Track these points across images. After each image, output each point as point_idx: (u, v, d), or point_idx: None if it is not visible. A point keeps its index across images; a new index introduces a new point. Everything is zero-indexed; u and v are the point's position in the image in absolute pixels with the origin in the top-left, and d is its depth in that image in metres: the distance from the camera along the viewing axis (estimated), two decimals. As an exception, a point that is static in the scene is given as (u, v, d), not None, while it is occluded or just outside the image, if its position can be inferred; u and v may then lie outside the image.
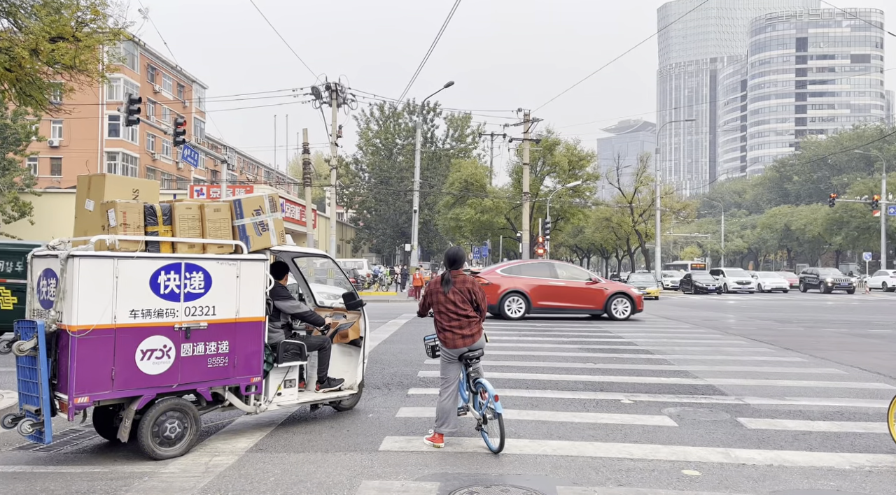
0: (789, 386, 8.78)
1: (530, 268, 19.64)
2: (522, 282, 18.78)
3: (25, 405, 5.21)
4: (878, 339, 14.48)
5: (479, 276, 19.01)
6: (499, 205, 46.82)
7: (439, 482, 4.85)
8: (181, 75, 58.71)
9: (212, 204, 5.78)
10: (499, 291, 18.41)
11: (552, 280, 19.03)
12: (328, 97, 30.93)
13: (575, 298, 18.93)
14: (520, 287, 18.61)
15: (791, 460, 5.48)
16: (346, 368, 7.15)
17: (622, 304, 19.00)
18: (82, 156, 46.57)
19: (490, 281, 18.51)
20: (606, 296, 18.96)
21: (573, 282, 19.12)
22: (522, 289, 18.57)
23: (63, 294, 4.96)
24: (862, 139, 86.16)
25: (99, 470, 5.11)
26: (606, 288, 19.23)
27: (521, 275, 19.01)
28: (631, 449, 5.72)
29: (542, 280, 18.92)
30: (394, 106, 65.10)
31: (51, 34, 9.72)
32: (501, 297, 18.39)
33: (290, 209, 41.32)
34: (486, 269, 19.81)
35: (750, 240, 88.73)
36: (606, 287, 19.28)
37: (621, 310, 18.96)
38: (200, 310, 5.51)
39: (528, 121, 41.01)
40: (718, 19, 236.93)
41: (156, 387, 5.30)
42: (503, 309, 18.43)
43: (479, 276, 19.01)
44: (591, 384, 8.74)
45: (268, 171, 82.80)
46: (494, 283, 18.48)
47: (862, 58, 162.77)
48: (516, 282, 18.71)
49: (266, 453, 5.62)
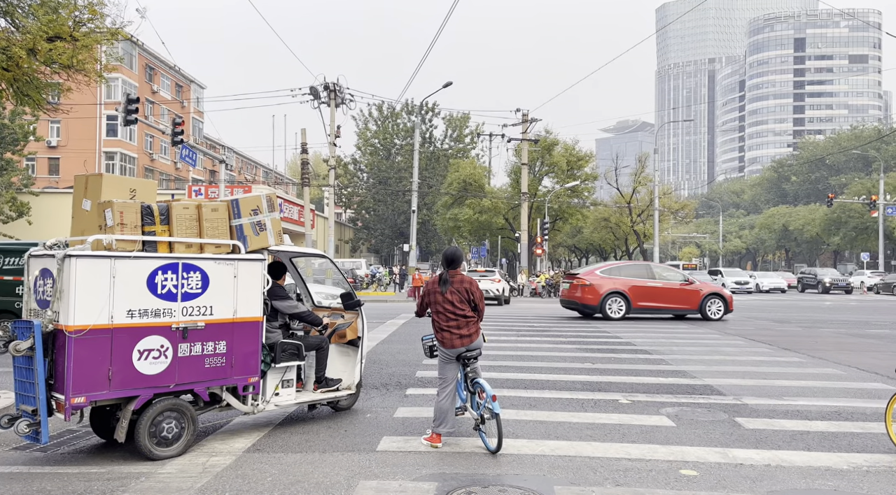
0: (787, 386, 8.79)
1: (629, 269, 19.91)
2: (622, 283, 18.99)
3: (22, 405, 5.19)
4: (875, 339, 14.50)
5: (580, 277, 19.21)
6: (497, 205, 46.83)
7: (437, 482, 4.85)
8: (179, 75, 58.66)
9: (209, 203, 5.77)
10: (600, 292, 18.72)
11: (650, 281, 19.26)
12: (326, 97, 30.93)
13: (672, 299, 19.15)
14: (620, 288, 18.85)
15: (789, 460, 5.48)
16: (343, 368, 7.14)
17: (715, 305, 19.14)
18: (80, 156, 46.52)
19: (591, 282, 18.90)
20: (702, 296, 19.16)
21: (669, 283, 19.37)
22: (622, 290, 18.83)
23: (60, 294, 4.95)
24: (860, 139, 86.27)
25: (96, 471, 5.10)
26: (701, 288, 19.46)
27: (620, 277, 19.24)
28: (629, 449, 5.72)
29: (640, 281, 19.14)
30: (392, 106, 65.11)
31: (48, 34, 9.71)
32: (603, 298, 18.67)
33: (288, 209, 41.28)
34: (585, 270, 19.99)
35: (748, 241, 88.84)
36: (701, 288, 19.52)
37: (715, 310, 19.10)
38: (198, 310, 5.50)
39: (527, 121, 41.04)
40: (717, 20, 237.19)
41: (153, 387, 5.29)
42: (605, 309, 18.69)
43: (580, 277, 19.21)
44: (589, 384, 8.74)
45: (266, 171, 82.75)
46: (595, 284, 18.84)
47: (860, 58, 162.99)
48: (616, 284, 18.93)
49: (263, 453, 5.61)
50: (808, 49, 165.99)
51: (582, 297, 18.94)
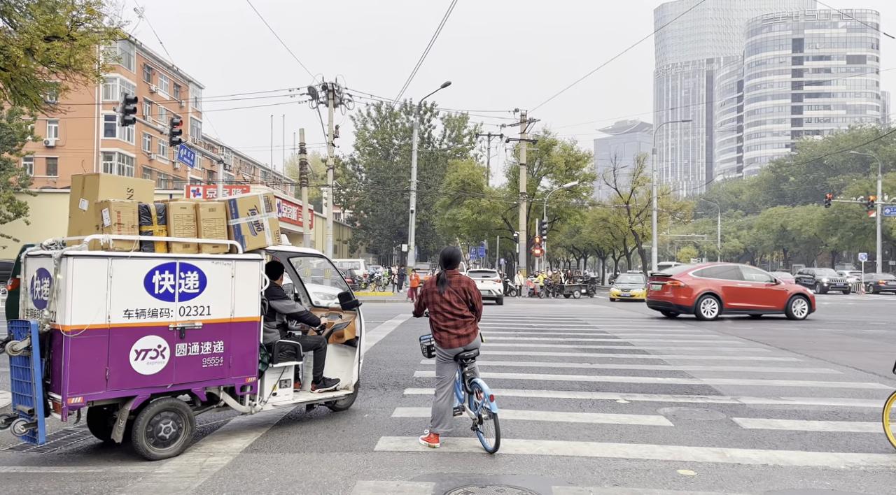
0: (785, 386, 8.80)
1: (719, 271, 20.26)
2: (714, 284, 19.40)
3: (19, 405, 5.18)
4: (873, 339, 14.51)
5: (674, 278, 19.57)
6: (496, 205, 46.83)
7: (435, 482, 4.85)
8: (178, 75, 58.60)
9: (207, 203, 5.76)
10: (694, 293, 19.12)
11: (739, 282, 19.67)
12: (325, 97, 30.92)
13: (760, 299, 19.56)
14: (713, 289, 19.26)
15: (786, 460, 5.48)
16: (341, 368, 7.14)
17: (800, 304, 19.62)
18: (78, 156, 46.46)
19: (686, 283, 19.31)
20: (787, 296, 19.60)
21: (757, 284, 19.77)
22: (715, 291, 19.24)
23: (57, 294, 4.94)
24: (858, 140, 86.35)
25: (93, 471, 5.09)
26: (787, 289, 19.91)
27: (712, 278, 19.64)
28: (627, 449, 5.72)
29: (731, 282, 19.55)
30: (391, 106, 65.17)
31: (46, 33, 9.69)
32: (698, 299, 19.06)
33: (286, 209, 41.24)
34: (679, 272, 20.32)
35: (746, 241, 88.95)
36: (787, 288, 19.95)
37: (799, 309, 19.56)
38: (195, 310, 5.49)
39: (525, 121, 41.06)
40: (715, 20, 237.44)
41: (150, 388, 5.28)
42: (699, 309, 19.07)
43: (674, 278, 19.57)
44: (587, 384, 8.74)
45: (264, 172, 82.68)
46: (690, 286, 19.25)
47: (858, 59, 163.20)
48: (710, 285, 19.33)
49: (261, 453, 5.60)
50: (806, 49, 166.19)
51: (675, 298, 19.41)
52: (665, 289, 19.71)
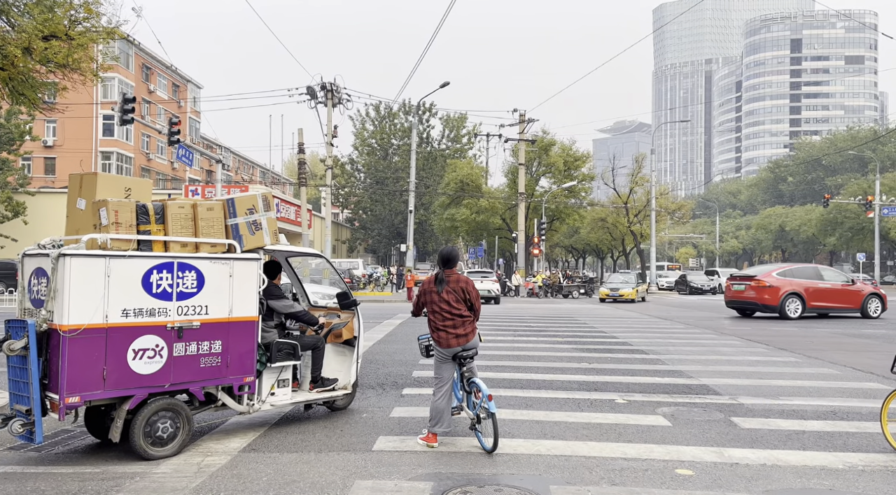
0: (783, 385, 8.80)
1: (801, 271, 20.58)
2: (798, 284, 19.76)
3: (16, 405, 5.17)
4: (871, 339, 14.52)
5: (758, 279, 19.91)
6: (494, 205, 46.84)
7: (433, 482, 4.84)
8: (176, 75, 58.55)
9: (204, 203, 5.75)
10: (780, 293, 19.47)
11: (819, 282, 20.06)
12: (323, 97, 30.91)
13: (839, 299, 19.98)
14: (796, 289, 19.65)
15: (784, 459, 5.48)
16: (339, 368, 7.13)
17: (874, 304, 20.15)
18: (76, 155, 46.41)
19: (771, 283, 19.66)
20: (863, 296, 20.11)
21: (835, 284, 20.24)
22: (799, 292, 19.64)
23: (54, 293, 4.93)
24: (856, 140, 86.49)
25: (90, 471, 5.08)
26: (862, 289, 20.37)
27: (795, 278, 19.95)
28: (625, 449, 5.72)
29: (812, 282, 19.94)
30: (389, 106, 65.13)
31: (44, 32, 9.68)
32: (783, 299, 19.42)
33: (285, 209, 41.22)
34: (763, 272, 20.66)
35: (745, 241, 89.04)
36: (862, 288, 20.42)
37: (874, 309, 20.10)
38: (193, 310, 5.48)
39: (524, 121, 41.06)
40: (713, 20, 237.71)
41: (148, 387, 5.27)
42: (784, 309, 19.45)
43: (758, 279, 19.91)
44: (585, 384, 8.74)
45: (263, 171, 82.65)
46: (776, 286, 19.60)
47: (856, 59, 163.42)
48: (794, 285, 19.69)
49: (259, 453, 5.60)
50: (804, 50, 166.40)
51: (759, 298, 19.80)
52: (749, 288, 20.21)
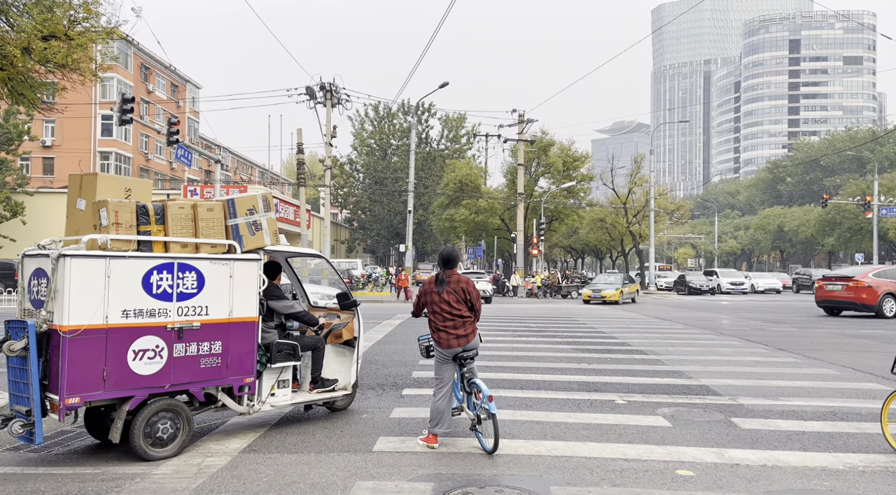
0: (782, 386, 8.80)
1: (893, 272, 21.08)
2: (893, 285, 20.42)
3: (16, 406, 5.16)
4: (870, 340, 14.53)
5: (856, 279, 20.49)
6: (493, 205, 46.83)
7: (433, 482, 4.84)
8: (175, 75, 58.49)
9: (205, 203, 5.74)
10: (878, 293, 20.12)
11: None
12: (322, 97, 30.89)
13: None
14: (892, 289, 20.35)
15: (784, 460, 5.49)
16: (339, 369, 7.12)
17: None
18: (75, 155, 46.35)
19: (869, 284, 20.30)
20: None
21: None
22: (894, 292, 20.36)
23: (54, 294, 4.92)
24: (854, 141, 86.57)
25: (90, 472, 5.08)
26: None
27: (888, 279, 20.62)
28: (625, 450, 5.71)
29: None
30: (388, 106, 65.09)
31: (43, 32, 9.66)
32: (881, 299, 20.08)
33: (284, 209, 41.19)
34: (860, 273, 21.18)
35: (743, 242, 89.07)
36: None
37: None
38: (193, 310, 5.47)
39: (523, 122, 41.06)
40: (712, 21, 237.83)
41: (148, 388, 5.26)
42: (882, 309, 20.14)
43: (856, 279, 20.49)
44: (585, 384, 8.74)
45: (262, 172, 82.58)
46: (873, 286, 20.25)
47: (854, 60, 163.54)
48: (890, 286, 20.39)
49: (259, 454, 5.59)
50: (802, 50, 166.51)
51: (857, 297, 20.40)
52: (846, 289, 20.78)
